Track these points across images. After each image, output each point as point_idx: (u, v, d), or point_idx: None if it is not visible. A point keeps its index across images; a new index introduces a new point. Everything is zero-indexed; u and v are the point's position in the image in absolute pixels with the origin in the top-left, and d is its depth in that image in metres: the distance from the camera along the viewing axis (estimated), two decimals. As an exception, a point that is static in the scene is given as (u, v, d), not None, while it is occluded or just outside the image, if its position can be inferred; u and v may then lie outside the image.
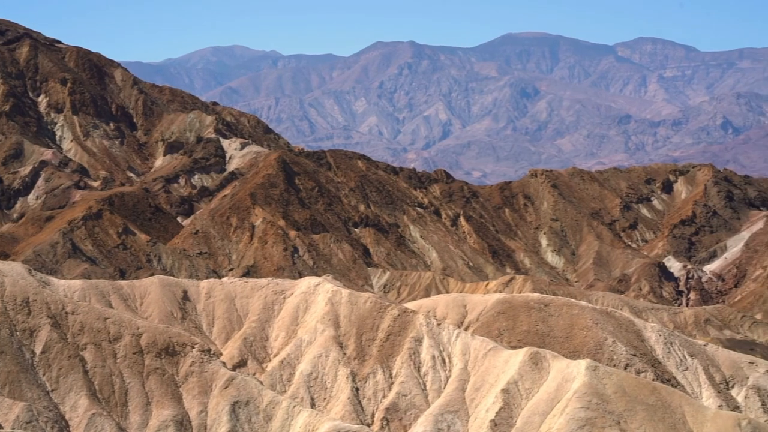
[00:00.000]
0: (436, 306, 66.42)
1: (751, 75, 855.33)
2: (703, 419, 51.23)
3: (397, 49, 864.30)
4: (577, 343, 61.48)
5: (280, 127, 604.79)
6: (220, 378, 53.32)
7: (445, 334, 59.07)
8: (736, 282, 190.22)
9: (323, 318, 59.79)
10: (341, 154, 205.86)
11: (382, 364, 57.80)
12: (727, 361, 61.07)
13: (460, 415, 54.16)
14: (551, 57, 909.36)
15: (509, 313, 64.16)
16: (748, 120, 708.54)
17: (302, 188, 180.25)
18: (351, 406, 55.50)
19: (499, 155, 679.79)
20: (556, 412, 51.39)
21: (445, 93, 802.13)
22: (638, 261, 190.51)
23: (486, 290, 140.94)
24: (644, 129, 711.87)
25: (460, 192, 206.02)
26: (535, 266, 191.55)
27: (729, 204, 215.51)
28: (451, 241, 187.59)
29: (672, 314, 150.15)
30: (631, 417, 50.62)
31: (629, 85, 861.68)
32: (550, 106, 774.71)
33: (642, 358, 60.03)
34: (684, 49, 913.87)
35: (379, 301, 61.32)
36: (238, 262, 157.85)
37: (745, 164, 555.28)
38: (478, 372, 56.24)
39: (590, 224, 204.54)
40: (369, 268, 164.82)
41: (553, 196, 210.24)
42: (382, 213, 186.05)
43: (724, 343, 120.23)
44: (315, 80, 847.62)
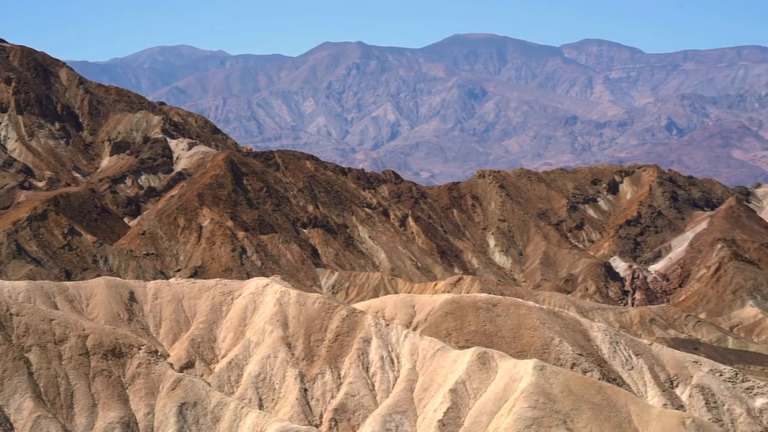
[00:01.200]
0: (384, 306, 66.52)
1: (695, 77, 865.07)
2: (648, 418, 51.76)
3: (346, 49, 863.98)
4: (524, 342, 61.86)
5: (228, 128, 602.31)
6: (167, 379, 53.02)
7: (393, 334, 59.19)
8: (681, 282, 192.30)
9: (271, 319, 59.68)
10: (289, 155, 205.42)
11: (331, 364, 57.80)
12: (671, 360, 61.72)
13: (408, 415, 54.29)
14: (499, 58, 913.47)
15: (457, 313, 64.39)
16: (692, 121, 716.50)
17: (250, 189, 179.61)
18: (299, 407, 55.44)
19: (447, 156, 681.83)
20: (504, 411, 51.67)
21: (394, 93, 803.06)
22: (584, 261, 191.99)
23: (434, 291, 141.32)
24: (590, 130, 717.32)
25: (408, 192, 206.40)
26: (482, 266, 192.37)
27: (673, 204, 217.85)
28: (399, 242, 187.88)
29: (618, 314, 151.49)
30: (578, 416, 51.03)
31: (575, 86, 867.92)
32: (497, 107, 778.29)
33: (588, 358, 60.52)
34: (629, 51, 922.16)
35: (328, 301, 61.32)
36: (186, 262, 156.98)
37: (689, 165, 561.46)
38: (427, 372, 56.40)
39: (537, 225, 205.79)
40: (317, 269, 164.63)
41: (501, 197, 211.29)
42: (330, 213, 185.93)
43: (669, 342, 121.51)
44: (263, 80, 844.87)
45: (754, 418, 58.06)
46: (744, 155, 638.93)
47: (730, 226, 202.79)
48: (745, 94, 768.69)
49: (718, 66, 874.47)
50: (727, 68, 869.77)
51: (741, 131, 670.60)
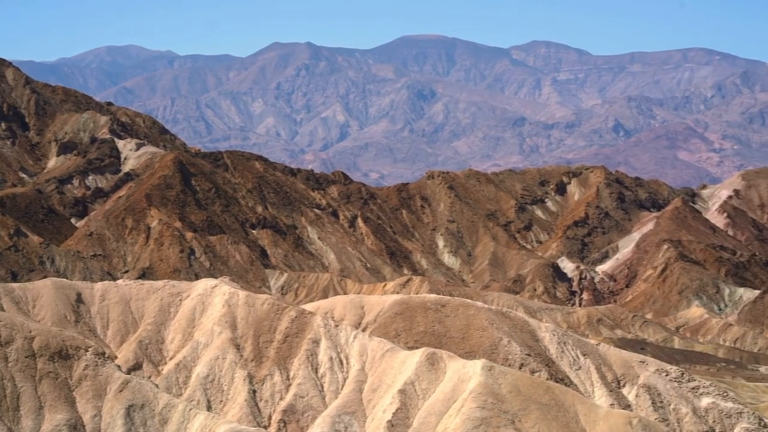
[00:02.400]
0: (333, 307, 66.49)
1: (641, 79, 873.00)
2: (596, 418, 52.17)
3: (295, 50, 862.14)
4: (473, 343, 62.10)
5: (176, 128, 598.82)
6: (114, 381, 52.65)
7: (342, 335, 59.19)
8: (628, 282, 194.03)
9: (220, 320, 59.44)
10: (238, 155, 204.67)
11: (280, 365, 57.68)
12: (618, 360, 62.23)
13: (357, 416, 54.32)
14: (447, 59, 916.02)
15: (406, 314, 64.52)
16: (638, 123, 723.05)
17: (199, 189, 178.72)
18: (248, 408, 55.28)
19: (397, 157, 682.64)
20: (452, 412, 51.85)
21: (343, 94, 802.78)
22: (533, 262, 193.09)
23: (383, 291, 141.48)
24: (538, 131, 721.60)
25: (357, 193, 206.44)
26: (431, 267, 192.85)
27: (620, 205, 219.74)
28: (348, 243, 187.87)
29: (565, 314, 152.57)
30: (526, 416, 51.32)
31: (524, 87, 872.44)
32: (446, 108, 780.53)
33: (536, 358, 60.88)
34: (577, 53, 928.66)
35: (277, 302, 61.19)
36: (134, 264, 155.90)
37: (636, 166, 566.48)
38: (376, 373, 56.46)
39: (486, 225, 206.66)
40: (266, 270, 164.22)
41: (450, 198, 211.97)
42: (279, 214, 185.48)
43: (616, 342, 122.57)
44: (211, 81, 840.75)
45: (699, 418, 58.71)
46: (690, 157, 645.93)
47: (676, 227, 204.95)
48: (691, 96, 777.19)
49: (664, 68, 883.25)
50: (673, 70, 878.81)
51: (687, 133, 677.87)
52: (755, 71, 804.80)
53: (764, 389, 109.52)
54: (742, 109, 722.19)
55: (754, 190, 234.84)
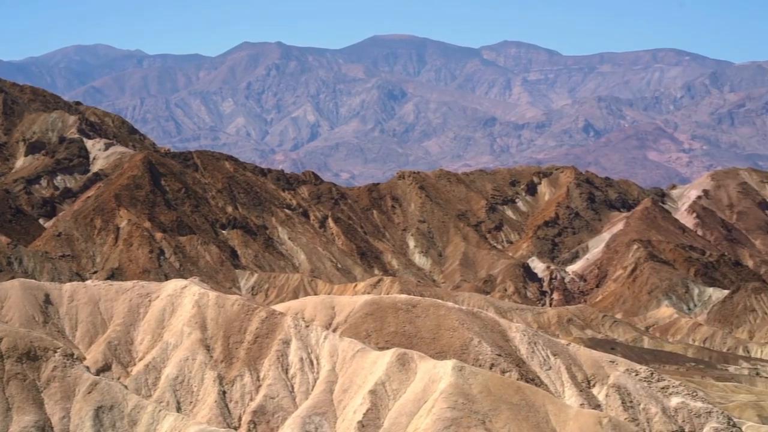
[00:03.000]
0: (304, 308, 66.31)
1: (611, 79, 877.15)
2: (566, 418, 52.26)
3: (265, 49, 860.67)
4: (443, 343, 62.08)
5: (146, 128, 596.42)
6: (83, 383, 52.28)
7: (313, 335, 59.04)
8: (598, 282, 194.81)
9: (190, 321, 59.16)
10: (208, 155, 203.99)
11: (250, 366, 57.46)
12: (588, 360, 62.36)
13: (327, 416, 54.19)
14: (418, 59, 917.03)
15: (377, 314, 64.42)
16: (608, 123, 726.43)
17: (168, 189, 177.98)
18: (218, 410, 55.04)
19: (367, 157, 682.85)
20: (423, 412, 51.81)
21: (313, 94, 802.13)
22: (503, 262, 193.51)
23: (354, 292, 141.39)
24: (509, 131, 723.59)
25: (328, 194, 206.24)
26: (402, 267, 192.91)
27: (590, 206, 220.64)
28: (319, 243, 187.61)
29: (536, 314, 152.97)
30: (496, 416, 51.35)
31: (494, 88, 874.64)
32: (417, 108, 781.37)
33: (507, 358, 60.92)
34: (547, 53, 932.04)
35: (247, 303, 60.96)
36: (103, 264, 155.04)
37: (606, 166, 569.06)
38: (346, 373, 56.35)
39: (457, 226, 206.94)
40: (237, 270, 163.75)
41: (421, 198, 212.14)
42: (250, 214, 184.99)
43: (586, 342, 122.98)
44: (181, 80, 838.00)
45: (669, 417, 58.93)
46: (659, 157, 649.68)
47: (646, 227, 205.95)
48: (661, 96, 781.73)
49: (634, 68, 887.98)
50: (643, 71, 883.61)
51: (656, 133, 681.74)
52: (724, 72, 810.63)
53: (733, 389, 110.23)
54: (711, 110, 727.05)
55: (723, 191, 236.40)
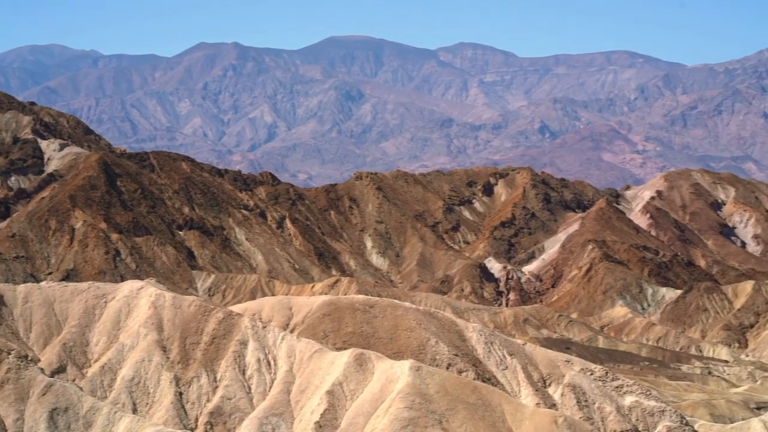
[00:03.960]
0: (261, 309, 66.27)
1: (566, 81, 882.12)
2: (522, 417, 52.63)
3: (221, 50, 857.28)
4: (401, 344, 62.27)
5: (101, 128, 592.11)
6: (37, 385, 51.97)
7: (270, 336, 59.01)
8: (553, 282, 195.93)
9: (146, 322, 58.93)
10: (165, 156, 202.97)
11: (207, 367, 57.34)
12: (544, 359, 62.79)
13: (285, 417, 54.20)
14: (375, 60, 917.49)
15: (334, 314, 64.51)
16: (564, 124, 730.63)
17: (124, 190, 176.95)
18: (174, 411, 54.89)
19: (325, 158, 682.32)
20: (380, 412, 51.97)
21: (270, 95, 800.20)
22: (460, 262, 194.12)
23: (312, 292, 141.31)
24: (466, 132, 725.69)
25: (285, 194, 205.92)
26: (360, 268, 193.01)
27: (546, 206, 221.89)
28: (276, 244, 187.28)
29: (492, 314, 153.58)
30: (453, 416, 51.61)
31: (451, 89, 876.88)
32: (374, 109, 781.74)
33: (464, 358, 61.21)
34: (503, 55, 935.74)
35: (204, 304, 60.83)
36: (58, 265, 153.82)
37: (561, 167, 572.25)
38: (304, 374, 56.39)
39: (414, 226, 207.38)
40: (193, 271, 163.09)
41: (378, 199, 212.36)
42: (206, 215, 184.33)
43: (542, 342, 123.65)
44: (137, 80, 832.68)
45: (623, 416, 59.46)
46: (614, 158, 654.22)
47: (601, 227, 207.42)
48: (615, 98, 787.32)
49: (589, 70, 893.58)
50: (598, 72, 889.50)
51: (611, 134, 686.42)
52: (677, 74, 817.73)
53: (686, 388, 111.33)
54: (665, 111, 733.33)
55: (676, 191, 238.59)
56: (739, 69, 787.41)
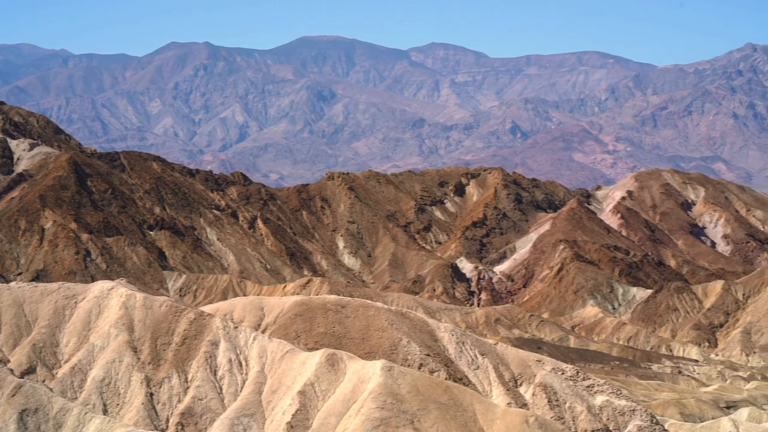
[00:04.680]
0: (233, 309, 66.10)
1: (537, 81, 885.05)
2: (493, 417, 52.73)
3: (193, 49, 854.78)
4: (372, 344, 62.28)
5: (72, 128, 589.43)
6: (7, 386, 51.65)
7: (242, 337, 58.87)
8: (525, 282, 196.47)
9: (117, 323, 58.67)
10: (136, 156, 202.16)
11: (178, 368, 57.15)
12: (515, 359, 62.93)
13: (256, 418, 54.09)
14: (347, 60, 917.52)
15: (306, 315, 64.43)
16: (535, 125, 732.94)
17: (95, 190, 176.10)
18: (145, 412, 54.67)
19: (297, 158, 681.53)
20: (352, 412, 51.96)
21: (242, 95, 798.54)
22: (432, 262, 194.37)
23: (283, 293, 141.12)
24: (437, 133, 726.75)
25: (257, 194, 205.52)
26: (332, 268, 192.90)
27: (518, 206, 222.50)
28: (248, 244, 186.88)
29: (464, 314, 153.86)
30: (425, 416, 51.66)
31: (423, 89, 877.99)
32: (346, 109, 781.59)
33: (435, 358, 61.29)
34: (474, 55, 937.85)
35: (175, 304, 60.62)
36: (27, 266, 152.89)
37: (532, 168, 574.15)
38: (275, 374, 56.29)
39: (386, 226, 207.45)
40: (165, 272, 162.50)
41: (350, 199, 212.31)
42: (178, 215, 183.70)
43: (513, 342, 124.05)
44: (108, 80, 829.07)
45: (594, 416, 59.68)
46: (585, 158, 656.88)
47: (572, 227, 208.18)
48: (586, 98, 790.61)
49: (560, 71, 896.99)
50: (568, 73, 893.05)
51: (582, 135, 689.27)
52: (647, 74, 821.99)
53: (656, 387, 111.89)
54: (635, 112, 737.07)
55: (646, 191, 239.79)
56: (709, 70, 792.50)
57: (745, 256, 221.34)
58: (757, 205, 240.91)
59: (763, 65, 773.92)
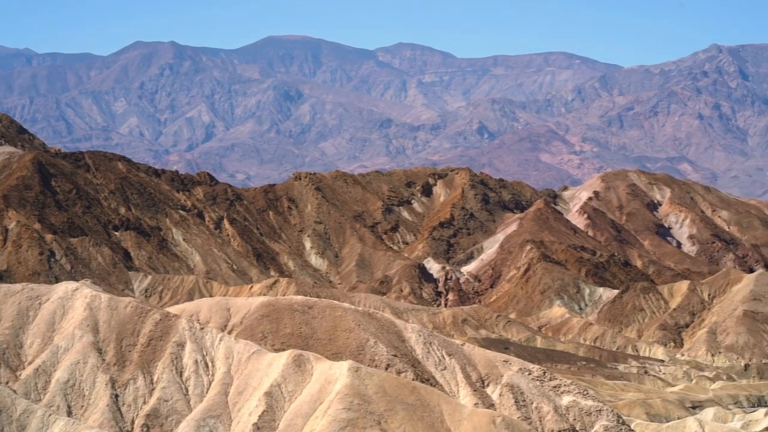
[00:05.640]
0: (199, 310, 65.73)
1: (504, 81, 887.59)
2: (460, 417, 52.68)
3: (158, 49, 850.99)
4: (339, 344, 62.11)
5: (35, 128, 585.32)
6: (-30, 388, 51.11)
7: (208, 338, 58.54)
8: (492, 282, 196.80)
9: (81, 324, 58.17)
10: (100, 156, 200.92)
11: (143, 369, 56.74)
12: (482, 360, 62.93)
13: (222, 419, 53.78)
14: (314, 60, 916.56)
15: (273, 315, 64.15)
16: (502, 125, 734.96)
17: (59, 190, 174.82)
18: (110, 413, 54.24)
19: (263, 158, 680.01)
20: (319, 413, 51.77)
21: (208, 95, 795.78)
22: (399, 263, 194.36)
23: (250, 293, 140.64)
24: (405, 133, 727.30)
25: (223, 194, 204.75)
26: (299, 269, 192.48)
27: (485, 207, 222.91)
28: (214, 244, 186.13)
29: (431, 315, 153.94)
30: (392, 416, 51.53)
31: (390, 89, 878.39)
32: (313, 109, 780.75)
33: (402, 359, 61.19)
34: (441, 55, 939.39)
35: (140, 305, 60.17)
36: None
37: (499, 168, 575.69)
38: (242, 375, 56.01)
39: (353, 227, 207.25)
40: (130, 272, 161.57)
41: (317, 199, 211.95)
42: (143, 216, 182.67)
43: (480, 342, 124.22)
44: (72, 79, 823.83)
45: (561, 416, 59.77)
46: (552, 159, 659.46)
47: (539, 228, 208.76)
48: (552, 99, 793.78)
49: (527, 71, 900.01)
50: (535, 74, 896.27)
51: (549, 135, 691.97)
52: (613, 75, 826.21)
53: (622, 387, 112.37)
54: (601, 113, 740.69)
55: (612, 192, 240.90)
56: (674, 70, 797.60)
57: (711, 256, 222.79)
58: (723, 206, 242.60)
59: (728, 66, 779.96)
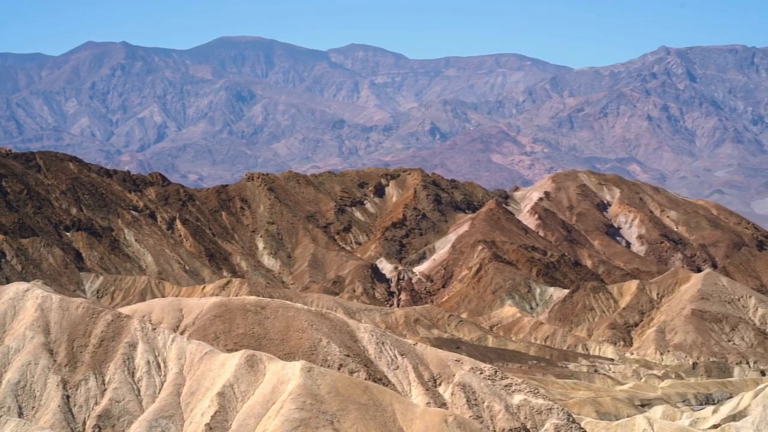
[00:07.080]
0: (151, 310, 65.62)
1: (456, 83, 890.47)
2: (413, 416, 53.08)
3: (110, 49, 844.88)
4: (292, 345, 62.30)
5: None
6: None
7: (160, 338, 58.51)
8: (444, 282, 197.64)
9: (32, 325, 57.95)
10: (51, 156, 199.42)
11: (95, 370, 56.62)
12: (435, 359, 63.35)
13: (174, 419, 53.81)
14: (266, 61, 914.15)
15: (226, 316, 64.20)
16: (454, 126, 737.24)
17: (10, 191, 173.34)
18: (61, 414, 54.10)
19: (216, 158, 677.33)
20: (272, 413, 51.96)
21: (160, 95, 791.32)
22: (352, 263, 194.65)
23: (202, 294, 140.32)
24: (357, 134, 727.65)
25: (176, 195, 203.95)
26: (251, 269, 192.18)
27: (437, 207, 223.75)
28: (167, 245, 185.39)
29: (384, 315, 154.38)
30: (344, 416, 51.84)
31: (342, 90, 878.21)
32: (265, 110, 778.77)
33: (355, 359, 61.50)
34: (394, 57, 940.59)
35: (92, 306, 60.03)
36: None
37: (451, 169, 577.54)
38: (194, 376, 56.05)
39: (306, 227, 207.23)
40: (81, 273, 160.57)
41: (270, 200, 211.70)
42: (95, 216, 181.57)
43: (433, 342, 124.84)
44: (22, 79, 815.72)
45: (512, 415, 60.34)
46: (503, 159, 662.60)
47: (490, 228, 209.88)
48: (504, 100, 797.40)
49: (478, 73, 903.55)
50: (487, 75, 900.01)
51: (500, 136, 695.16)
52: (564, 77, 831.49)
53: (573, 386, 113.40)
54: (552, 114, 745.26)
55: (563, 192, 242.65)
56: (623, 72, 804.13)
57: (660, 256, 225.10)
58: (671, 206, 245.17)
59: (677, 68, 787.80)
